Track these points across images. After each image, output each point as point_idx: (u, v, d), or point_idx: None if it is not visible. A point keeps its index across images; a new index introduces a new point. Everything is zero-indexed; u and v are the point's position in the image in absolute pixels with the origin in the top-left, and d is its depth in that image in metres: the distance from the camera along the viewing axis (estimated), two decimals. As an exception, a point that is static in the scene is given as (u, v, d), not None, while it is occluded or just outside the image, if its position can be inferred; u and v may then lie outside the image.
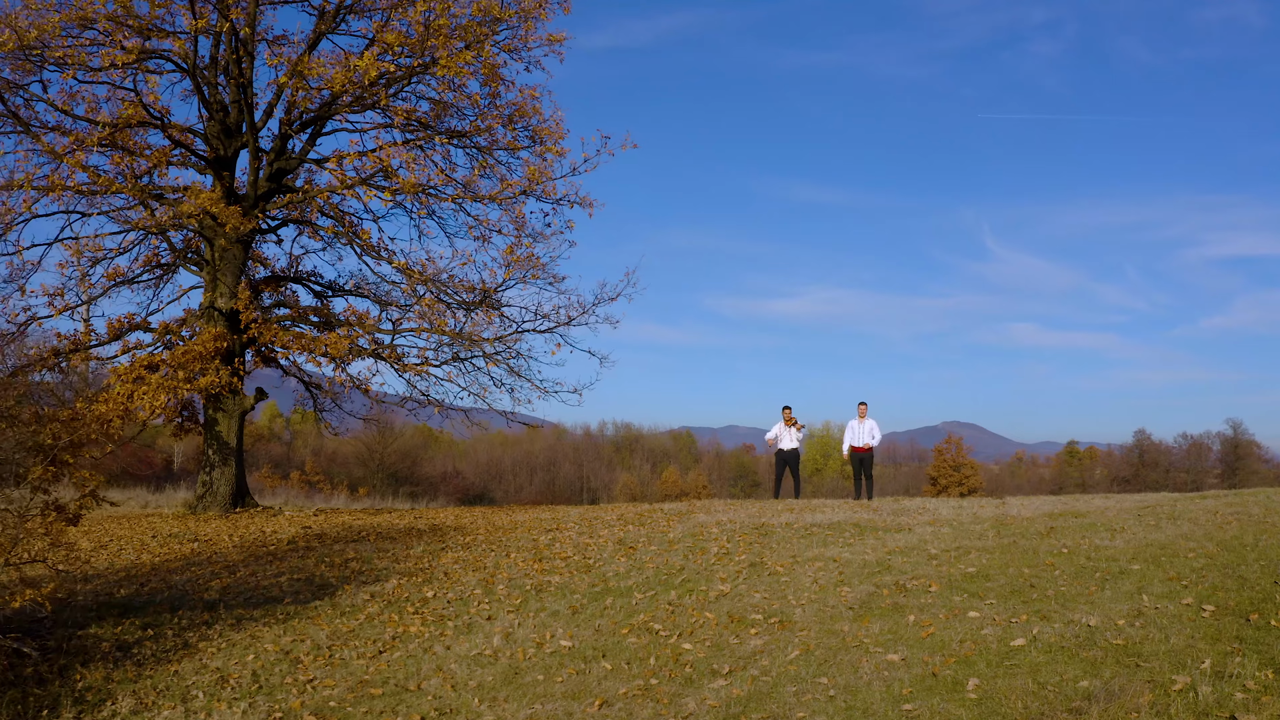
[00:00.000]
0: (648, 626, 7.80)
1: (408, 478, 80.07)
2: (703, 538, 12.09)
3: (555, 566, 10.93)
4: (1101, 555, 8.98)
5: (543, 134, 19.32)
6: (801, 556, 10.30)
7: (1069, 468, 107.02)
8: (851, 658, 6.32)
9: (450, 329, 20.72)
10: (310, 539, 14.19)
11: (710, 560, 10.46)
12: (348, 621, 8.99)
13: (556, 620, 8.38)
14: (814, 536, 11.61)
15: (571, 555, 11.57)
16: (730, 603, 8.33)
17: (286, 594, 10.16)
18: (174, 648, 8.47)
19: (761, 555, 10.55)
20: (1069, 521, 11.43)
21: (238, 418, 20.47)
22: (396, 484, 77.25)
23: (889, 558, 9.73)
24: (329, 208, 20.86)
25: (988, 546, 9.90)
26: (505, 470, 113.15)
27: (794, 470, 18.93)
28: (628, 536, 12.63)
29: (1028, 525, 11.27)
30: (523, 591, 9.72)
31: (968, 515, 12.94)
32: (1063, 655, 5.96)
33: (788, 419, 18.90)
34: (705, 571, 9.87)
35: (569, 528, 14.21)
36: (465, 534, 14.29)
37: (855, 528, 12.23)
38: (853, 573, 9.09)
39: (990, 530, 11.11)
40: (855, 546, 10.70)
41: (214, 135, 20.27)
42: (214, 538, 14.92)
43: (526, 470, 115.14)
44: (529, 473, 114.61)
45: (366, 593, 10.05)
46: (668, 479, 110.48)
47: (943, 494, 74.96)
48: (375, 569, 11.32)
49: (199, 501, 20.13)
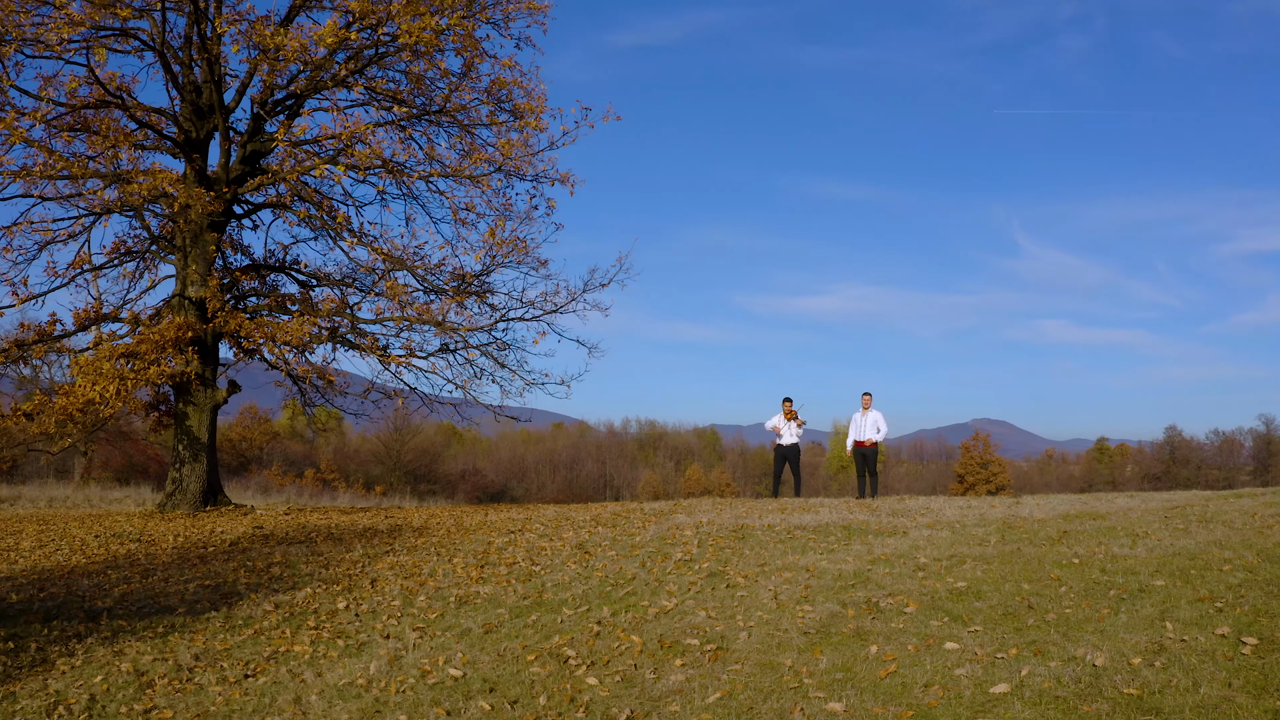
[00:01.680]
0: (559, 653, 6.48)
1: (426, 476, 79.20)
2: (671, 541, 10.76)
3: (495, 574, 9.65)
4: (1118, 567, 7.54)
5: (524, 109, 18.03)
6: (771, 565, 8.93)
7: (1099, 465, 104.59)
8: (781, 704, 4.96)
9: (432, 317, 19.51)
10: (254, 540, 13.02)
11: (668, 568, 9.13)
12: (231, 637, 7.76)
13: (462, 641, 7.09)
14: (794, 541, 10.24)
15: (519, 561, 10.29)
16: (668, 623, 7.00)
17: (184, 603, 8.97)
18: (30, 664, 7.30)
19: (726, 563, 9.20)
20: (1085, 525, 9.96)
21: (209, 411, 19.40)
22: (415, 482, 76.45)
23: (869, 568, 8.34)
24: (305, 190, 19.73)
25: (987, 555, 8.48)
26: (528, 468, 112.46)
27: (794, 467, 17.51)
28: (591, 539, 11.33)
29: (1037, 529, 9.81)
30: (444, 604, 8.45)
31: (973, 517, 11.48)
32: (1056, 709, 4.56)
33: (788, 412, 17.49)
34: (656, 582, 8.54)
35: (535, 529, 12.94)
36: (422, 535, 13.06)
37: (844, 531, 10.83)
38: (822, 586, 7.71)
39: (994, 535, 9.67)
40: (836, 554, 9.32)
41: (185, 117, 19.20)
42: (158, 538, 13.83)
43: (549, 468, 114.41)
44: (551, 470, 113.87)
45: (271, 602, 8.83)
46: (691, 476, 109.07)
47: (969, 492, 72.89)
48: (297, 575, 10.10)
49: (168, 499, 19.10)
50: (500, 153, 16.74)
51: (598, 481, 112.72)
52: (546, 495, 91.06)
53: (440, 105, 17.52)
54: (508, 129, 17.03)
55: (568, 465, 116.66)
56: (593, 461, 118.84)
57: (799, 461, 17.61)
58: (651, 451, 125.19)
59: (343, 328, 20.25)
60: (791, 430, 17.42)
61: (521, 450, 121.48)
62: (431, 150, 18.14)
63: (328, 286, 21.04)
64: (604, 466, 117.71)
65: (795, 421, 17.41)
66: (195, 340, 18.76)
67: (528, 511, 16.23)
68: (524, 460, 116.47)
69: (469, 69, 17.37)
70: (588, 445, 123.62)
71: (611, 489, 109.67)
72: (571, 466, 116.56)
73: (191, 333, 18.30)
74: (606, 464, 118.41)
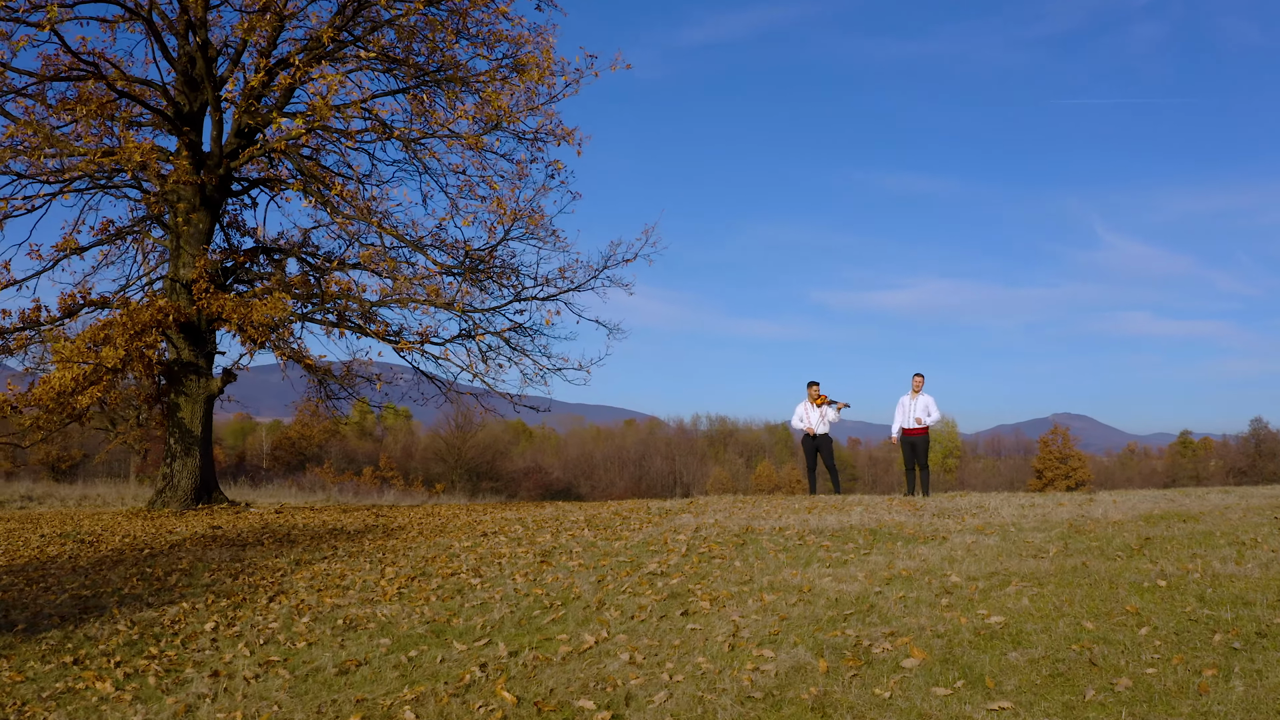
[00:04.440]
0: (394, 716, 4.54)
1: (488, 473, 78.28)
2: (655, 548, 8.76)
3: (419, 590, 7.77)
4: (1224, 594, 5.28)
5: (527, 62, 16.14)
6: (756, 583, 6.86)
7: (1182, 459, 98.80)
8: None
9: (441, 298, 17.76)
10: (200, 542, 11.43)
11: (624, 586, 7.14)
12: (39, 665, 6.06)
13: (296, 688, 5.21)
14: (801, 550, 8.13)
15: (461, 572, 8.40)
16: (573, 670, 5.00)
17: (33, 618, 7.31)
18: None
19: (703, 578, 7.16)
20: (1173, 529, 7.61)
21: (203, 402, 18.01)
22: (476, 480, 75.61)
23: (880, 590, 6.21)
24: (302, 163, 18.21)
25: (1040, 573, 6.26)
26: (596, 465, 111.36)
27: (826, 458, 15.22)
28: (562, 546, 9.40)
29: (1111, 535, 7.51)
30: (326, 629, 6.59)
31: (1034, 518, 9.17)
32: None
33: (814, 397, 15.20)
34: (597, 605, 6.55)
35: (513, 530, 11.07)
36: (389, 537, 11.30)
37: (868, 536, 8.68)
38: (804, 619, 5.62)
39: (1054, 543, 7.40)
40: (848, 567, 7.19)
41: (177, 89, 17.87)
42: (105, 539, 12.40)
43: (617, 464, 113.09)
44: (620, 467, 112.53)
45: (130, 620, 7.11)
46: (762, 473, 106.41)
47: (1048, 488, 68.70)
48: (193, 586, 8.39)
49: (158, 496, 17.79)
50: (490, 105, 14.80)
51: (667, 478, 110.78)
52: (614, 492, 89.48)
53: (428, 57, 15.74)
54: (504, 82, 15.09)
55: (636, 462, 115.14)
56: (661, 458, 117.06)
57: (832, 452, 15.33)
58: (721, 448, 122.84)
59: (350, 312, 18.74)
60: (820, 417, 15.13)
61: (590, 447, 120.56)
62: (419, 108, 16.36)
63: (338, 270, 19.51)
64: (673, 463, 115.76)
65: (834, 406, 15.14)
66: (186, 325, 17.41)
67: (523, 511, 14.37)
68: (592, 457, 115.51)
69: (463, 19, 15.56)
70: (657, 442, 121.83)
71: (681, 485, 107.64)
72: (640, 463, 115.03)
73: (175, 317, 16.93)
74: (676, 460, 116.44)
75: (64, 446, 46.69)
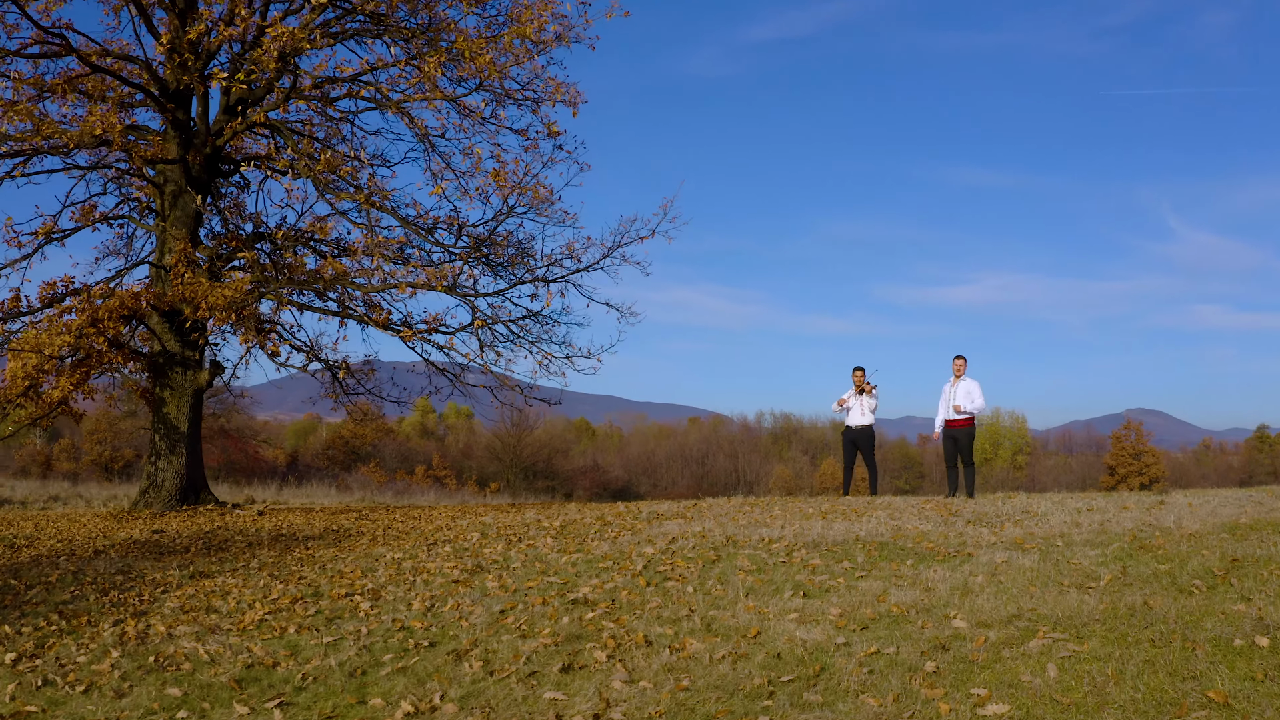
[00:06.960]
0: None
1: (544, 472, 77.03)
2: (608, 564, 7.05)
3: (282, 618, 6.17)
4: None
5: (521, 14, 14.50)
6: (688, 624, 5.07)
7: (1259, 454, 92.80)
8: None
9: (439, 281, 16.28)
10: (130, 547, 10.07)
11: (527, 620, 5.42)
12: None
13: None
14: (779, 571, 6.31)
15: (358, 593, 6.78)
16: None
17: None
18: None
19: (627, 612, 5.40)
20: (1269, 545, 5.56)
21: (189, 397, 16.81)
22: (532, 479, 74.48)
23: (848, 641, 4.38)
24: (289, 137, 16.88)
25: (1083, 616, 4.35)
26: (658, 463, 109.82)
27: (866, 454, 13.25)
28: (504, 560, 7.72)
29: (1187, 553, 5.50)
30: (130, 665, 5.03)
31: (1089, 527, 7.16)
32: None
33: (859, 384, 13.25)
34: (468, 649, 4.85)
35: (469, 538, 9.46)
36: (323, 546, 9.78)
37: (874, 551, 6.81)
38: (713, 688, 3.83)
39: (1109, 565, 5.45)
40: (825, 599, 5.37)
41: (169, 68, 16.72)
42: (41, 540, 11.23)
43: (680, 462, 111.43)
44: (682, 465, 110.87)
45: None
46: (826, 470, 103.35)
47: (1120, 485, 64.62)
48: (48, 601, 6.94)
49: (141, 496, 16.63)
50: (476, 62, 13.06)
51: (730, 476, 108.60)
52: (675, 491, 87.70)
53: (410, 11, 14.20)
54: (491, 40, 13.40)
55: (698, 460, 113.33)
56: (724, 456, 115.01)
57: (873, 448, 13.35)
58: (785, 445, 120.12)
59: (373, 301, 17.40)
60: (864, 406, 13.17)
61: (652, 445, 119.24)
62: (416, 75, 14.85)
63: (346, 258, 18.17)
64: (736, 461, 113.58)
65: (869, 394, 13.18)
66: (170, 315, 16.24)
67: (512, 515, 12.70)
68: (654, 455, 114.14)
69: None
70: (720, 439, 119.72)
71: (744, 484, 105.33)
72: (702, 461, 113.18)
73: (154, 304, 15.77)
74: (739, 458, 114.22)
75: (114, 446, 46.80)
